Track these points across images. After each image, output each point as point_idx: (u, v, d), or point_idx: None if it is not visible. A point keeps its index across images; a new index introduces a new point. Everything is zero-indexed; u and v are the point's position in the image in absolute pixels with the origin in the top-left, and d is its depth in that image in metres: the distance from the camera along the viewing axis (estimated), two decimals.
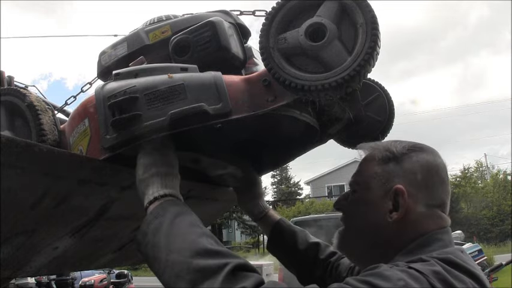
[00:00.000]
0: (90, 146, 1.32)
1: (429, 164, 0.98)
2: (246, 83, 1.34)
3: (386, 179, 0.96)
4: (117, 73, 1.37)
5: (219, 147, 1.61)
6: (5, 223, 1.23)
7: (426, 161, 0.98)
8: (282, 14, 1.32)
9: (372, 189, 0.98)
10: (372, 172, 1.00)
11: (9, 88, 1.85)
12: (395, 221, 0.93)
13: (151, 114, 1.24)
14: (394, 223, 0.93)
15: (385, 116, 1.78)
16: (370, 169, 1.01)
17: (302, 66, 1.27)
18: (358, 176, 1.05)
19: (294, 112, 1.41)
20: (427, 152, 1.00)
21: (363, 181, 1.02)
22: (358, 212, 1.01)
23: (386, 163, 0.98)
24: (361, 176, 1.03)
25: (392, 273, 0.76)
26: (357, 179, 1.05)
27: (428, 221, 0.94)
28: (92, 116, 1.32)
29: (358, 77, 1.19)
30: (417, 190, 0.94)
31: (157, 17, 1.78)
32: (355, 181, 1.05)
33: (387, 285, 0.74)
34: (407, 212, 0.93)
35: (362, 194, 1.01)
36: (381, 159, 0.99)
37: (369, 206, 0.98)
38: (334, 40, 1.24)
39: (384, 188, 0.96)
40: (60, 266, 1.75)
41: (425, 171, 0.96)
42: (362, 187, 1.01)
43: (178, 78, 1.29)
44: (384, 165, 0.98)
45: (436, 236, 0.92)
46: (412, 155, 0.98)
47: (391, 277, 0.75)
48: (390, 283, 0.74)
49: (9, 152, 1.08)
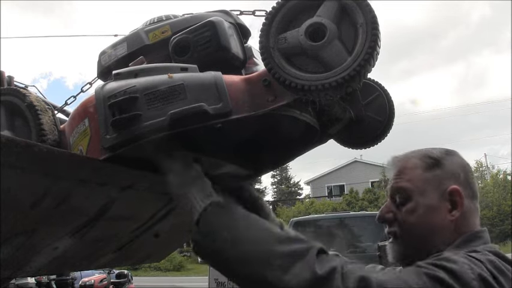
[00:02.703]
0: (90, 146, 1.32)
1: (464, 164, 1.11)
2: (246, 83, 1.34)
3: (439, 182, 1.05)
4: (117, 73, 1.37)
5: (219, 147, 1.61)
6: (5, 223, 1.23)
7: (461, 161, 1.11)
8: (282, 13, 1.31)
9: (427, 194, 1.04)
10: (423, 178, 1.07)
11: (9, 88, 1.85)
12: (455, 219, 1.03)
13: (151, 114, 1.24)
14: (453, 221, 1.03)
15: (385, 116, 1.78)
16: (418, 176, 1.07)
17: (302, 66, 1.27)
18: (407, 183, 1.07)
19: (294, 112, 1.41)
20: (456, 154, 1.12)
21: (417, 188, 1.06)
22: (419, 218, 1.04)
23: (433, 168, 1.07)
24: (412, 184, 1.07)
25: (458, 258, 0.90)
26: (407, 187, 1.07)
27: (475, 214, 1.06)
28: (92, 116, 1.32)
29: (358, 77, 1.19)
30: (463, 188, 1.05)
31: (157, 17, 1.78)
32: (406, 189, 1.07)
33: (456, 267, 0.87)
34: (463, 209, 1.04)
35: (419, 200, 1.05)
36: (426, 166, 1.07)
37: (430, 210, 1.03)
38: (334, 40, 1.23)
39: (438, 190, 1.04)
40: (60, 266, 1.75)
41: (465, 170, 1.09)
42: (417, 194, 1.05)
43: (178, 78, 1.29)
44: (431, 170, 1.07)
45: (479, 235, 1.03)
46: (449, 158, 1.09)
47: (458, 261, 0.88)
48: (457, 265, 0.87)
49: (9, 152, 1.08)
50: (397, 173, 1.11)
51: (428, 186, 1.05)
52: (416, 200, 1.05)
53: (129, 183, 1.40)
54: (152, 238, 1.89)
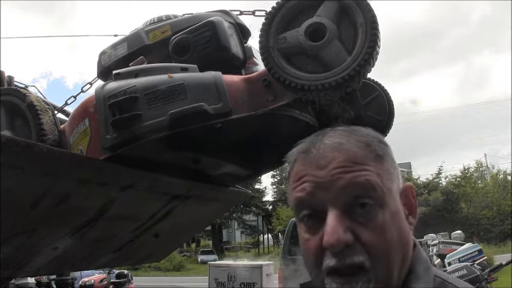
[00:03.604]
0: (90, 146, 1.32)
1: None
2: (246, 83, 1.34)
3: (396, 178, 0.68)
4: (118, 73, 1.37)
5: (219, 147, 1.61)
6: (5, 223, 1.23)
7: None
8: (282, 13, 1.32)
9: (394, 195, 0.66)
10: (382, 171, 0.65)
11: (9, 88, 1.85)
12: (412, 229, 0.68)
13: (152, 114, 1.24)
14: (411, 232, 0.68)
15: (384, 116, 1.78)
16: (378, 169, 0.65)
17: (302, 66, 1.27)
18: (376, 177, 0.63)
19: (294, 112, 1.41)
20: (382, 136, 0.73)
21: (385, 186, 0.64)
22: (396, 233, 0.64)
23: (383, 157, 0.66)
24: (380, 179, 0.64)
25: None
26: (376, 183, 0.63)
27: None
28: (92, 116, 1.32)
29: (357, 76, 1.20)
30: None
31: (157, 17, 1.78)
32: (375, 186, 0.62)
33: None
34: None
35: (391, 205, 0.65)
36: (374, 155, 0.66)
37: (402, 219, 0.66)
38: (333, 40, 1.24)
39: (397, 190, 0.67)
40: (60, 266, 1.75)
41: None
42: (387, 195, 0.65)
43: (178, 78, 1.29)
44: (382, 160, 0.66)
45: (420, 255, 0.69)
46: (385, 145, 0.69)
47: None
48: None
49: (9, 152, 1.08)
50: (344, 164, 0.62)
51: (392, 184, 0.66)
52: (389, 203, 0.63)
53: (129, 183, 1.40)
54: (152, 238, 1.90)
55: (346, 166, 0.61)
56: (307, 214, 0.61)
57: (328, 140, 0.63)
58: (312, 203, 0.61)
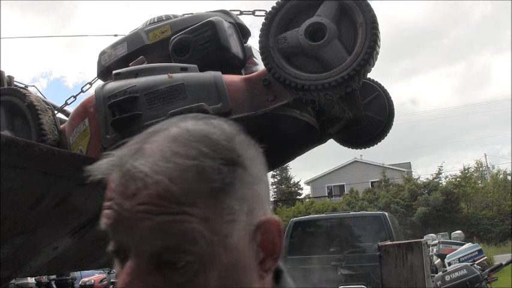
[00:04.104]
0: (90, 146, 1.32)
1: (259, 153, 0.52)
2: (246, 83, 1.34)
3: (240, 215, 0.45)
4: (117, 73, 1.37)
5: None
6: (5, 223, 1.23)
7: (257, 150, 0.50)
8: (282, 13, 1.32)
9: (229, 243, 0.43)
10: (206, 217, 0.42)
11: (9, 88, 1.85)
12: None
13: (152, 113, 1.24)
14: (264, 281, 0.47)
15: (385, 116, 1.78)
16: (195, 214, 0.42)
17: (302, 66, 1.27)
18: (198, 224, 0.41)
19: (294, 112, 1.41)
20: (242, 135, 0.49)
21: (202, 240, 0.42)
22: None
23: (222, 192, 0.43)
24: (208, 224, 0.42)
25: None
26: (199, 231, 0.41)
27: None
28: (92, 116, 1.32)
29: (357, 76, 1.20)
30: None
31: (157, 17, 1.78)
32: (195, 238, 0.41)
33: None
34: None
35: (223, 258, 0.43)
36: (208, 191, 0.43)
37: (234, 274, 0.44)
38: (333, 40, 1.24)
39: (244, 228, 0.45)
40: (60, 266, 1.75)
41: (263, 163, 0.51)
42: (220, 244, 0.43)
43: (178, 78, 1.29)
44: (220, 197, 0.43)
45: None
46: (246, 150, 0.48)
47: None
48: None
49: (9, 151, 1.08)
50: (154, 201, 0.41)
51: (233, 226, 0.43)
52: (220, 258, 0.43)
53: None
54: None
55: (157, 204, 0.40)
56: (113, 250, 0.44)
57: (142, 158, 0.42)
58: (116, 238, 0.43)
